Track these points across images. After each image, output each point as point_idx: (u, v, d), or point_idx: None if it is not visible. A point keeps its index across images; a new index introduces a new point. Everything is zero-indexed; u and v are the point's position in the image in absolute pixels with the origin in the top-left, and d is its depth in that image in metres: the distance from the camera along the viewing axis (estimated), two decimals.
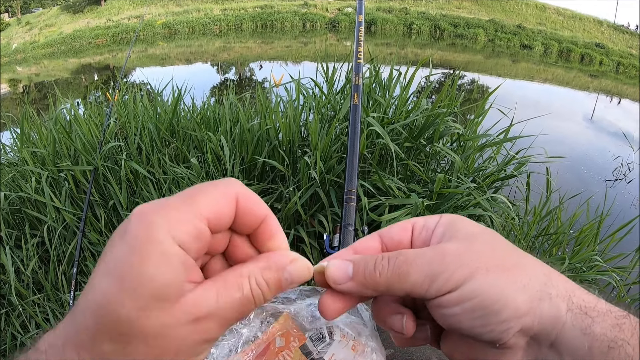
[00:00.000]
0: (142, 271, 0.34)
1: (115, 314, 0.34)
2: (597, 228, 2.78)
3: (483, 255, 0.40)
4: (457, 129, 2.73)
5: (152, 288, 0.34)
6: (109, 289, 0.34)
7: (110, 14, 31.34)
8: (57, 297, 2.51)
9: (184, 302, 0.35)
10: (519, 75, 20.71)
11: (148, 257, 0.34)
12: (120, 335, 0.34)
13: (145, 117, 3.23)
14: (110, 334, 0.34)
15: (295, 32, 30.88)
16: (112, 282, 0.34)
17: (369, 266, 0.42)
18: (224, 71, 17.84)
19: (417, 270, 0.40)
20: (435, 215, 0.47)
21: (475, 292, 0.39)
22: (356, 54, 1.60)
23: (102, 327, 0.34)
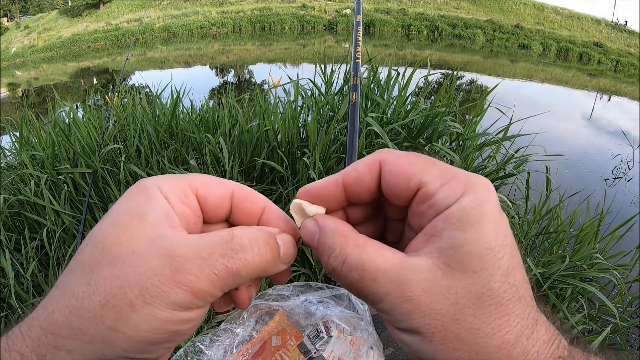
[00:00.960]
0: (127, 208, 0.37)
1: (93, 241, 0.36)
2: (598, 226, 2.78)
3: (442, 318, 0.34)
4: (456, 128, 2.73)
5: (131, 218, 0.36)
6: (96, 227, 0.37)
7: (109, 17, 31.37)
8: None
9: (159, 237, 0.36)
10: (517, 75, 20.71)
11: (134, 199, 0.38)
12: (90, 262, 0.35)
13: (144, 120, 3.23)
14: (82, 263, 0.35)
15: (294, 34, 30.90)
16: (101, 222, 0.37)
17: (323, 255, 0.39)
18: (222, 74, 17.84)
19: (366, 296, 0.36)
20: (457, 184, 0.36)
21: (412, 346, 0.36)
22: (354, 53, 1.60)
23: (79, 258, 0.36)
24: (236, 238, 0.37)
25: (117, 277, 0.34)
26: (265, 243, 0.39)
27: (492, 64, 24.21)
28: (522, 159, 2.82)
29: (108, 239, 0.35)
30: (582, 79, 22.51)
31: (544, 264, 2.47)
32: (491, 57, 26.40)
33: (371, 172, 0.40)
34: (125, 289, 0.33)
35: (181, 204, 0.40)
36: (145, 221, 0.36)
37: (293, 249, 0.42)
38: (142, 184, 0.39)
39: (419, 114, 2.63)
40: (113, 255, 0.34)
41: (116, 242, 0.35)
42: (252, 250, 0.37)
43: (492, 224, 0.35)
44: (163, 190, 0.39)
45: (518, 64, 25.15)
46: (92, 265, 0.34)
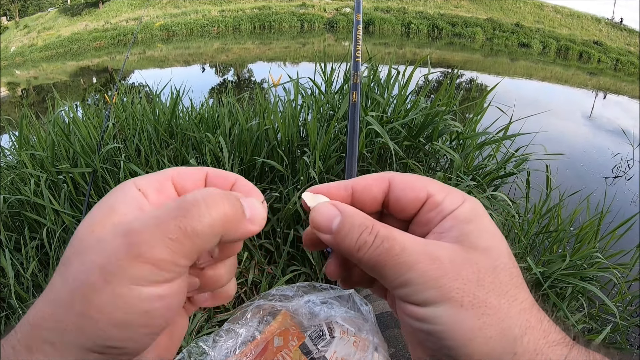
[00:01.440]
0: (103, 203, 0.38)
1: (71, 240, 0.37)
2: (598, 225, 2.77)
3: (469, 283, 0.36)
4: (456, 127, 2.73)
5: (103, 210, 0.37)
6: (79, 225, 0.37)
7: (109, 16, 31.37)
8: None
9: (119, 218, 0.37)
10: (517, 74, 20.71)
11: (110, 195, 0.39)
12: (67, 256, 0.36)
13: (143, 119, 3.23)
14: (62, 259, 0.36)
15: (294, 32, 30.90)
16: (83, 220, 0.38)
17: (353, 234, 0.39)
18: (222, 72, 17.84)
19: (393, 268, 0.37)
20: (456, 195, 0.42)
21: (438, 320, 0.36)
22: (354, 52, 1.60)
23: (63, 259, 0.36)
24: (188, 197, 0.36)
25: (82, 264, 0.34)
26: (221, 197, 0.37)
27: (492, 62, 24.24)
28: (522, 158, 2.82)
29: (81, 235, 0.36)
30: (582, 78, 22.53)
31: (544, 263, 2.47)
32: (491, 56, 26.43)
33: (379, 184, 0.44)
34: (89, 273, 0.33)
35: (157, 194, 0.40)
36: (114, 212, 0.37)
37: (262, 209, 0.40)
38: (122, 183, 0.40)
39: (419, 113, 2.63)
40: (83, 246, 0.35)
41: (87, 233, 0.36)
42: (206, 204, 0.35)
43: (489, 221, 0.41)
44: (138, 184, 0.40)
45: (518, 62, 25.17)
46: (67, 260, 0.35)
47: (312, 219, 0.41)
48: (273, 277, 2.51)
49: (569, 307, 2.52)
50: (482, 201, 2.29)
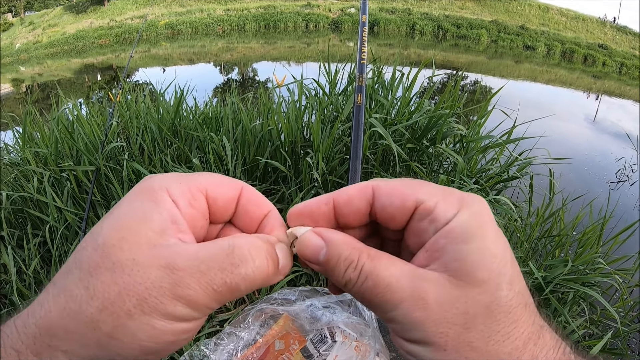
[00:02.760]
0: (132, 209, 0.37)
1: (94, 243, 0.35)
2: (600, 230, 2.76)
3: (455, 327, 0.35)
4: (460, 130, 2.72)
5: (135, 222, 0.36)
6: (98, 227, 0.36)
7: (114, 14, 31.41)
8: None
9: (161, 246, 0.35)
10: (521, 76, 20.68)
11: (140, 199, 0.37)
12: (90, 265, 0.34)
13: (147, 118, 3.23)
14: (81, 264, 0.35)
15: (298, 32, 30.89)
16: (104, 222, 0.36)
17: (339, 269, 0.38)
18: (226, 72, 17.85)
19: (379, 305, 0.36)
20: (452, 200, 0.37)
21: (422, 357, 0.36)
22: (360, 54, 1.60)
23: (78, 257, 0.35)
24: (236, 250, 0.36)
25: (116, 284, 0.34)
26: (266, 255, 0.38)
27: (497, 64, 24.19)
28: (526, 162, 2.81)
29: (109, 241, 0.35)
30: (587, 81, 22.46)
31: (546, 268, 2.46)
32: (495, 58, 26.37)
33: (362, 195, 0.40)
34: (124, 297, 0.33)
35: (189, 207, 0.39)
36: (149, 228, 0.36)
37: (290, 259, 0.41)
38: (149, 184, 0.39)
39: (423, 115, 2.62)
40: (113, 260, 0.34)
41: (117, 247, 0.34)
42: (254, 263, 0.36)
43: (492, 234, 0.36)
44: (171, 193, 0.38)
45: (522, 65, 25.12)
46: (92, 268, 0.34)
47: (299, 252, 0.40)
48: None
49: (570, 312, 2.51)
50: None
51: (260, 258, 0.37)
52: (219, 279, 0.35)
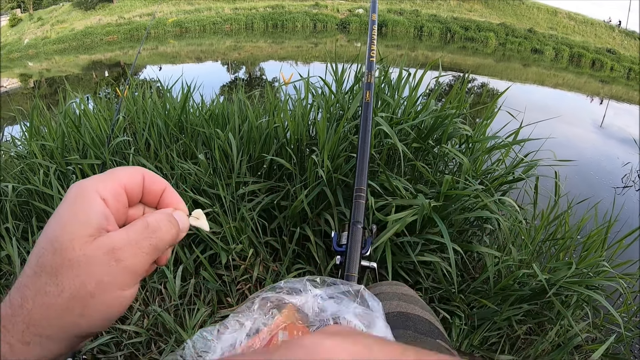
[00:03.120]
0: (73, 213, 0.46)
1: (51, 248, 0.44)
2: (605, 234, 2.75)
3: None
4: (466, 131, 2.72)
5: (79, 224, 0.45)
6: (50, 231, 0.46)
7: (122, 11, 31.49)
8: None
9: (101, 238, 0.46)
10: (529, 80, 20.61)
11: (78, 203, 0.47)
12: (53, 267, 0.44)
13: (154, 113, 3.24)
14: (46, 268, 0.44)
15: (306, 32, 30.90)
16: (53, 225, 0.46)
17: None
18: (234, 70, 17.86)
19: None
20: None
21: None
22: (369, 52, 1.61)
23: (41, 262, 0.44)
24: (150, 224, 0.50)
25: (77, 276, 0.44)
26: (168, 222, 0.52)
27: (504, 67, 24.15)
28: (532, 164, 2.79)
29: (62, 245, 0.44)
30: (594, 85, 22.38)
31: (550, 270, 2.46)
32: (503, 61, 26.33)
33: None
34: (85, 283, 0.44)
35: (115, 202, 0.50)
36: (90, 226, 0.46)
37: (187, 220, 0.57)
38: (83, 188, 0.48)
39: (429, 115, 2.62)
40: (70, 259, 0.44)
41: (70, 248, 0.44)
42: (162, 228, 0.51)
43: None
44: (101, 194, 0.48)
45: (530, 68, 25.07)
46: (56, 269, 0.44)
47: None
48: (278, 275, 2.51)
49: (574, 315, 2.50)
50: (490, 206, 2.28)
51: (165, 223, 0.51)
52: (146, 244, 0.48)
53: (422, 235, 2.31)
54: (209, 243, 2.52)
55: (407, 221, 2.12)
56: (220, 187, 2.57)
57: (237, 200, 2.67)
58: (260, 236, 2.61)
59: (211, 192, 2.69)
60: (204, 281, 2.46)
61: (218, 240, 2.47)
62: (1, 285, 2.44)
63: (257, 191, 2.74)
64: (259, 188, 2.71)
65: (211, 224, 2.53)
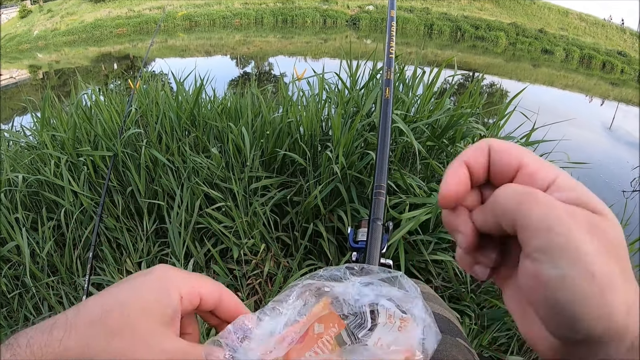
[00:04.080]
0: (154, 294, 0.48)
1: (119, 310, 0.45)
2: None
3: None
4: (480, 130, 2.70)
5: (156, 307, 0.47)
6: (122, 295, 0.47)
7: (132, 4, 31.54)
8: (71, 281, 2.52)
9: (168, 334, 0.47)
10: (539, 80, 20.53)
11: (162, 289, 0.48)
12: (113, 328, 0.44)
13: (166, 106, 3.23)
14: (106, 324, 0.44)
15: (316, 28, 30.85)
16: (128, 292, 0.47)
17: None
18: (243, 65, 17.87)
19: None
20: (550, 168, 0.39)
21: None
22: (388, 48, 1.59)
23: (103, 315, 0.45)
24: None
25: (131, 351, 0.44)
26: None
27: (514, 67, 24.05)
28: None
29: (133, 313, 0.45)
30: (604, 88, 22.27)
31: None
32: (513, 61, 26.21)
33: (483, 152, 0.41)
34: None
35: (189, 305, 0.51)
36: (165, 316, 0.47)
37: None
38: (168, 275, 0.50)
39: (444, 114, 2.60)
40: (134, 330, 0.45)
41: (138, 320, 0.45)
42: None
43: None
44: (181, 292, 0.50)
45: (540, 69, 24.96)
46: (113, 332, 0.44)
47: None
48: (289, 270, 2.51)
49: None
50: None
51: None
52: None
53: (435, 233, 2.30)
54: (220, 237, 2.51)
55: (420, 219, 2.11)
56: (233, 181, 2.56)
57: (249, 195, 2.66)
58: (272, 231, 2.60)
59: (224, 186, 2.69)
60: (215, 275, 2.46)
61: (230, 234, 2.47)
62: (9, 275, 2.45)
63: (270, 186, 2.73)
64: (272, 183, 2.70)
65: (223, 219, 2.53)
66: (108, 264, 2.55)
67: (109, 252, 2.57)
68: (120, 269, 2.58)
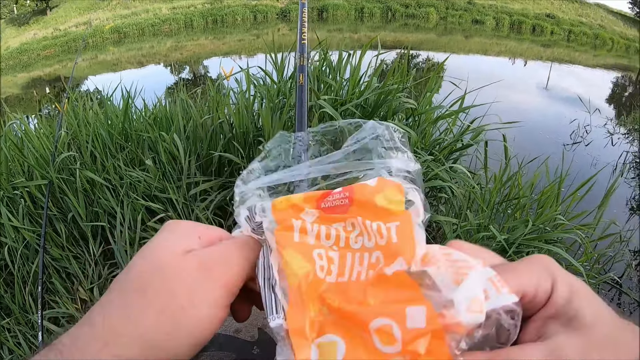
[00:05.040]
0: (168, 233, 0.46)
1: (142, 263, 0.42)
2: (558, 189, 2.81)
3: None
4: (410, 104, 2.73)
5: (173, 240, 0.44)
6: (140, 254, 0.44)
7: (57, 23, 30.55)
8: (26, 320, 2.43)
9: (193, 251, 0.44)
10: (472, 51, 20.95)
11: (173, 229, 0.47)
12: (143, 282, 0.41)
13: (96, 124, 3.15)
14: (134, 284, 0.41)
15: (247, 25, 30.57)
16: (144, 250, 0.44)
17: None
18: (177, 71, 17.59)
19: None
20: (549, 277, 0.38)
21: None
22: (300, 34, 1.60)
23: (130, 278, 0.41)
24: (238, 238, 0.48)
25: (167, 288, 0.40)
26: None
27: (447, 41, 24.47)
28: (479, 129, 2.82)
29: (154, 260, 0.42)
30: (537, 50, 22.89)
31: (508, 230, 2.50)
32: (445, 35, 26.66)
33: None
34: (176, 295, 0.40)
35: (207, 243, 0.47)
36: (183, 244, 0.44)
37: None
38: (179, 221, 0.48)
39: (372, 93, 2.61)
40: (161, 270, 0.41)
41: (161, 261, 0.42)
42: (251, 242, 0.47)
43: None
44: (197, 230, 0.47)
45: (472, 39, 25.46)
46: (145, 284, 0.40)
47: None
48: None
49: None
50: (441, 175, 2.30)
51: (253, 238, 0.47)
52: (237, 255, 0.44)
53: None
54: None
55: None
56: (171, 190, 2.52)
57: (189, 201, 2.62)
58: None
59: (163, 197, 2.64)
60: None
61: None
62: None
63: (210, 189, 2.70)
64: (212, 186, 2.67)
65: None
66: (60, 295, 2.48)
67: (59, 283, 2.51)
68: (73, 298, 2.51)
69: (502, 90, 9.57)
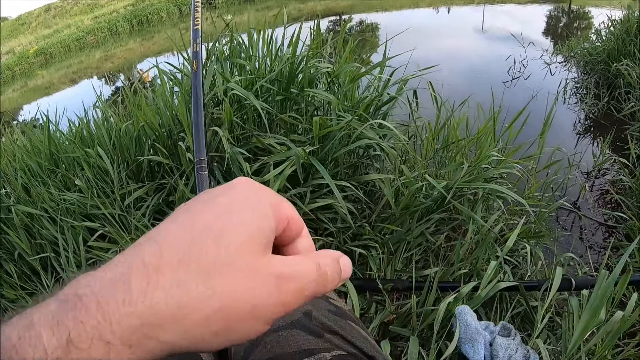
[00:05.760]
0: (249, 213, 0.40)
1: (217, 240, 0.37)
2: (493, 125, 2.80)
3: None
4: (326, 68, 2.69)
5: (255, 229, 0.39)
6: (212, 221, 0.38)
7: None
8: None
9: (271, 256, 0.40)
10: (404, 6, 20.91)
11: (256, 207, 0.41)
12: (209, 265, 0.36)
13: (22, 156, 3.05)
14: (200, 262, 0.35)
15: (174, 19, 29.93)
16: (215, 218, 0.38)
17: None
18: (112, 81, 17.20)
19: None
20: None
21: None
22: (193, 20, 1.58)
23: (196, 248, 0.36)
24: (322, 267, 0.42)
25: (235, 287, 0.36)
26: (335, 272, 0.44)
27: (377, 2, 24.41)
28: (403, 80, 2.77)
29: (232, 245, 0.37)
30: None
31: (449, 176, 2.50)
32: None
33: None
34: (241, 302, 0.36)
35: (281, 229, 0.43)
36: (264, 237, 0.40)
37: (350, 270, 0.47)
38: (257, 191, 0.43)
39: (284, 64, 2.55)
40: (234, 263, 0.36)
41: (236, 252, 0.37)
42: (333, 280, 0.44)
43: None
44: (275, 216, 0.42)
45: None
46: (211, 269, 0.35)
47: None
48: None
49: (489, 210, 2.57)
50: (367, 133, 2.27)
51: (332, 270, 0.44)
52: (312, 288, 0.41)
53: (308, 182, 2.30)
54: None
55: (286, 174, 2.10)
56: (103, 205, 2.45)
57: (127, 211, 2.56)
58: None
59: (99, 213, 2.57)
60: None
61: None
62: None
63: (145, 195, 2.64)
64: (146, 191, 2.61)
65: (109, 245, 2.43)
66: None
67: None
68: None
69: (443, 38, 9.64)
